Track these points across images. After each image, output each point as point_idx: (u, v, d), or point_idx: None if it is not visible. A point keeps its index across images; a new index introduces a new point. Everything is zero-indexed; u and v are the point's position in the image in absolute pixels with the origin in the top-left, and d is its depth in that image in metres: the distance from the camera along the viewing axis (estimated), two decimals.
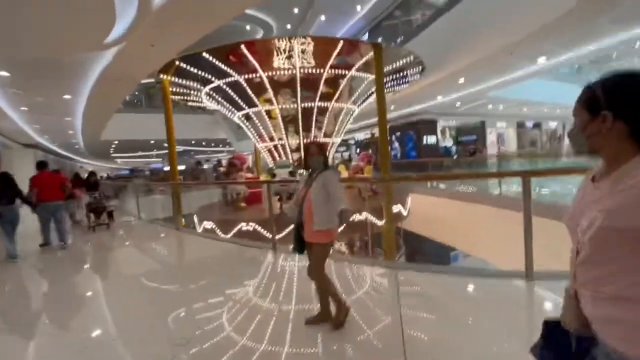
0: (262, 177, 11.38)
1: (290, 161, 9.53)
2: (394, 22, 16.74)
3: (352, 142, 26.76)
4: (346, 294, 2.69)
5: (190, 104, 11.59)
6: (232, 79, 8.32)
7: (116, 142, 20.18)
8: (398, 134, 20.17)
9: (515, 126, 24.37)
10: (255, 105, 9.12)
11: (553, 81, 17.97)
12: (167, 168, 31.37)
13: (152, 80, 19.97)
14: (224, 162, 40.84)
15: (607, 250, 0.76)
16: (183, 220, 8.71)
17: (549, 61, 9.70)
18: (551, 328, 0.92)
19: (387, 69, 8.38)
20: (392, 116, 17.93)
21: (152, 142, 22.47)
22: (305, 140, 9.78)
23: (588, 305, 0.82)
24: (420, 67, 9.38)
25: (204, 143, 27.75)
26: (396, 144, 20.48)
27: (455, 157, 19.93)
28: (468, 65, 9.55)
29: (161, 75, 8.41)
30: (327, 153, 2.47)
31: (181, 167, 32.39)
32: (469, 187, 10.15)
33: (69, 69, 7.76)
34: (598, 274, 0.79)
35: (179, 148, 29.96)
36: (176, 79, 8.76)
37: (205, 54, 7.27)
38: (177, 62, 7.61)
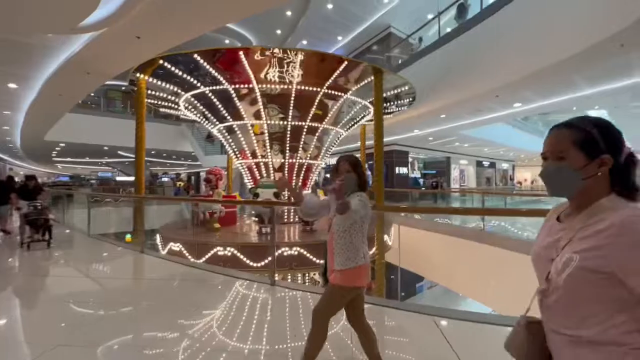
0: (236, 196, 10.50)
1: (272, 181, 8.84)
2: (375, 56, 17.38)
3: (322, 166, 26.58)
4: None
5: (163, 110, 10.53)
6: (221, 87, 7.63)
7: (62, 144, 17.82)
8: (371, 162, 20.40)
9: (475, 164, 26.08)
10: (240, 118, 8.44)
11: (506, 125, 19.67)
12: (120, 178, 28.40)
13: (117, 82, 18.32)
14: (183, 177, 38.39)
15: (582, 291, 0.76)
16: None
17: (523, 107, 10.39)
18: None
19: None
20: (368, 144, 18.14)
21: (105, 148, 20.26)
22: (290, 160, 9.22)
23: (564, 349, 0.80)
24: (411, 98, 9.50)
25: (164, 155, 25.74)
26: (368, 172, 20.66)
27: (423, 188, 20.56)
28: (453, 102, 9.88)
29: (138, 74, 7.47)
30: (363, 171, 2.04)
31: (133, 178, 29.77)
32: (444, 219, 10.22)
33: (24, 52, 6.57)
34: (574, 317, 0.78)
35: (134, 157, 27.59)
36: (154, 80, 7.85)
37: (196, 56, 6.56)
38: (160, 61, 6.79)
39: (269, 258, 6.73)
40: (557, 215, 0.89)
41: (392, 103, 9.91)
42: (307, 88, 7.74)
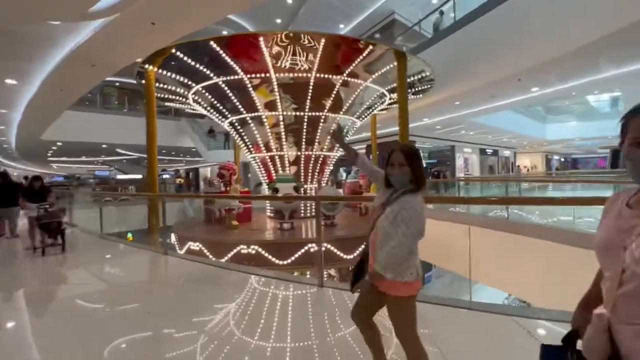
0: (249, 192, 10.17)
1: (290, 175, 8.54)
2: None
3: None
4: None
5: (166, 104, 10.09)
6: (235, 77, 7.23)
7: (59, 143, 17.23)
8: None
9: (479, 152, 25.93)
10: (254, 110, 8.07)
11: (511, 112, 19.38)
12: (121, 176, 27.74)
13: (114, 78, 17.62)
14: (181, 173, 37.82)
15: None
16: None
17: (540, 91, 10.13)
18: (551, 353, 0.98)
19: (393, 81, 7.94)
20: (366, 136, 17.82)
21: (103, 146, 19.69)
22: (305, 153, 8.89)
23: (635, 340, 0.78)
24: (428, 85, 9.18)
25: (163, 151, 25.18)
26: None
27: (429, 178, 20.37)
28: (471, 89, 9.58)
29: (147, 66, 7.04)
30: (420, 163, 1.54)
31: (133, 176, 29.04)
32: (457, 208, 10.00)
33: (24, 44, 6.10)
34: None
35: (133, 155, 26.94)
36: (163, 72, 7.43)
37: (212, 44, 6.13)
38: (173, 50, 6.36)
39: (297, 255, 6.51)
40: (627, 202, 0.87)
41: (409, 90, 9.54)
42: (325, 76, 7.37)
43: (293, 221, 7.69)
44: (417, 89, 9.64)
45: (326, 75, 7.34)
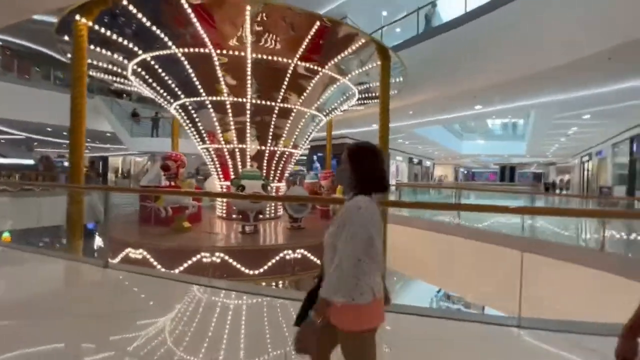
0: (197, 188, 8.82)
1: (257, 171, 7.59)
2: None
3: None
4: None
5: (92, 73, 8.03)
6: (202, 49, 6.02)
7: None
8: (320, 154, 19.99)
9: (407, 161, 28.13)
10: (217, 93, 6.92)
11: (439, 126, 21.60)
12: (2, 161, 21.60)
13: (8, 37, 13.20)
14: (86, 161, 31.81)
15: None
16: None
17: (483, 109, 11.25)
18: None
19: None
20: (319, 135, 17.62)
21: None
22: (270, 148, 8.06)
23: None
24: (395, 90, 9.25)
25: (64, 133, 20.63)
26: (317, 164, 20.23)
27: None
28: (427, 99, 10.04)
29: (78, 17, 5.34)
30: (366, 163, 1.35)
31: (20, 161, 22.95)
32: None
33: None
34: None
35: (20, 134, 21.32)
36: (100, 29, 5.80)
37: None
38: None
39: (269, 263, 5.69)
40: None
41: (365, 92, 9.34)
42: (306, 65, 6.64)
43: (257, 223, 6.80)
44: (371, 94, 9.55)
45: (308, 64, 6.68)
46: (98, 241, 6.17)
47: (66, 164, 28.53)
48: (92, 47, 6.17)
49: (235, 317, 2.87)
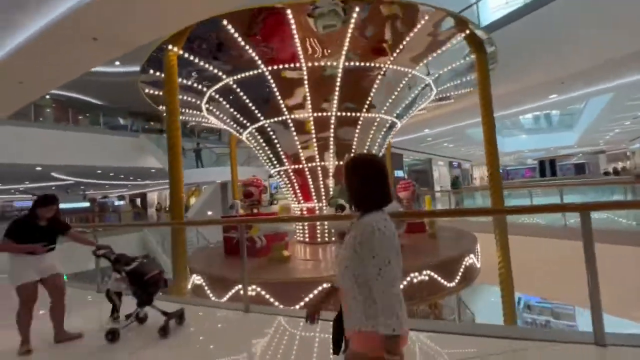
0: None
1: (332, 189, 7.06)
2: None
3: None
4: None
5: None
6: (291, 65, 5.66)
7: None
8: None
9: (448, 165, 27.03)
10: (299, 108, 6.53)
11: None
12: (66, 205, 22.27)
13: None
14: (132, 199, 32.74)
15: None
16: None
17: (559, 97, 10.35)
18: None
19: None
20: None
21: (38, 169, 15.65)
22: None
23: None
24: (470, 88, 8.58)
25: (111, 174, 21.25)
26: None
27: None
28: (503, 93, 9.27)
29: (170, 46, 5.13)
30: (360, 176, 1.30)
31: (76, 205, 23.69)
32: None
33: None
34: None
35: (69, 179, 22.11)
36: (187, 56, 5.57)
37: (288, 11, 4.55)
38: (222, 21, 4.63)
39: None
40: None
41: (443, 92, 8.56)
42: (369, 64, 5.97)
43: None
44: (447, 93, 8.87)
45: (397, 67, 6.14)
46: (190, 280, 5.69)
47: (116, 203, 29.41)
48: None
49: None
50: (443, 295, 5.46)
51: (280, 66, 5.68)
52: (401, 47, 5.61)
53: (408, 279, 4.97)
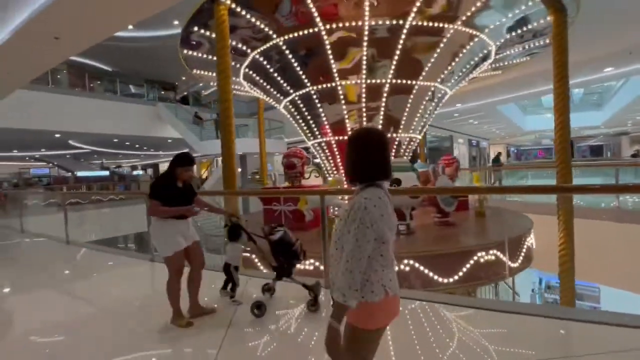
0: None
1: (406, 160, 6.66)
2: None
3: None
4: None
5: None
6: (349, 24, 5.11)
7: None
8: None
9: (468, 143, 26.28)
10: (333, 79, 6.02)
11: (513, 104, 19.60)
12: (83, 173, 22.18)
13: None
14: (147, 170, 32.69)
15: None
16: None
17: (615, 71, 9.61)
18: None
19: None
20: None
21: (57, 135, 15.41)
22: (399, 135, 7.10)
23: None
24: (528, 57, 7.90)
25: (127, 143, 20.99)
26: None
27: None
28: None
29: None
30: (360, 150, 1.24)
31: (98, 173, 23.59)
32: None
33: None
34: None
35: (86, 148, 21.88)
36: (238, 10, 5.04)
37: None
38: None
39: (464, 269, 4.77)
40: None
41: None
42: (435, 24, 5.40)
43: (411, 222, 5.89)
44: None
45: (465, 29, 5.54)
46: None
47: (134, 172, 29.36)
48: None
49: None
50: (506, 276, 5.22)
51: (340, 24, 5.14)
52: (473, 8, 5.03)
53: (475, 257, 4.73)
